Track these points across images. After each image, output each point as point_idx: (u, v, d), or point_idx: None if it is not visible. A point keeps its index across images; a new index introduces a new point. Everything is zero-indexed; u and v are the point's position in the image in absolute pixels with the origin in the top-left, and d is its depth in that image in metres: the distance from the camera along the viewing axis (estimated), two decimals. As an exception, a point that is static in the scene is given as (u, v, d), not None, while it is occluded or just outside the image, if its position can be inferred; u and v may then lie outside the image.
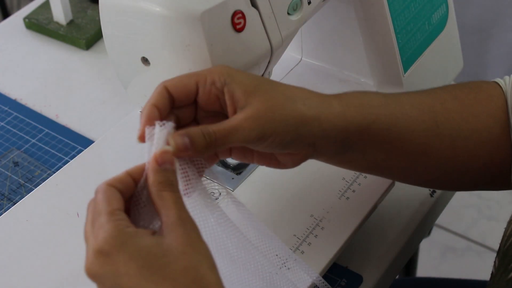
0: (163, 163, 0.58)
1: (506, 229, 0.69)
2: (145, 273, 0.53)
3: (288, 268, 0.69)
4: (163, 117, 0.62)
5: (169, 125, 0.60)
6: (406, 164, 0.71)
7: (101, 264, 0.54)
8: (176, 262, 0.54)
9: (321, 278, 0.69)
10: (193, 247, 0.55)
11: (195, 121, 0.66)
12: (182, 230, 0.55)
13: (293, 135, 0.64)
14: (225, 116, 0.64)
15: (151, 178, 0.58)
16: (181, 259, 0.54)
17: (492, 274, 0.70)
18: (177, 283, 0.53)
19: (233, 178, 0.81)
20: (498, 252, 0.69)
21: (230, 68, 0.64)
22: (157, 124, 0.60)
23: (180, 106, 0.64)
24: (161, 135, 0.60)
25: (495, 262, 0.70)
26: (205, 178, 0.64)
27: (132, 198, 0.59)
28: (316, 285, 0.69)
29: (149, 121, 0.61)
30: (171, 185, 0.58)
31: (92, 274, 0.55)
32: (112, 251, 0.53)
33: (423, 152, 0.70)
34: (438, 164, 0.71)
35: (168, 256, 0.54)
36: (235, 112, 0.63)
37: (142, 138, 0.60)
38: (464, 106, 0.71)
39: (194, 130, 0.61)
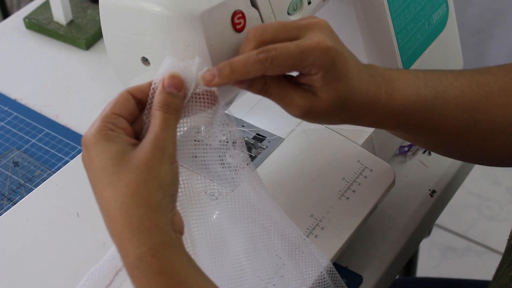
0: (168, 86, 0.61)
1: None
2: (100, 174, 0.58)
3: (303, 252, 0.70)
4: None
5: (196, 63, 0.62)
6: (440, 145, 0.76)
7: (84, 151, 0.60)
8: (125, 173, 0.57)
9: (331, 265, 0.69)
10: (149, 165, 0.57)
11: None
12: (150, 148, 0.58)
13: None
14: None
15: (154, 99, 0.61)
16: (131, 172, 0.57)
17: (496, 270, 0.70)
18: (117, 192, 0.57)
19: (233, 178, 0.80)
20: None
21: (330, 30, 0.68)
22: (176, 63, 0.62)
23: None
24: (173, 66, 0.61)
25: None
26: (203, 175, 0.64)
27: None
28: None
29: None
30: (166, 106, 0.60)
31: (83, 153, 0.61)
32: (88, 145, 0.59)
33: (458, 139, 0.74)
34: (471, 150, 0.76)
35: (121, 165, 0.57)
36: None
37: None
38: (509, 97, 0.73)
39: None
